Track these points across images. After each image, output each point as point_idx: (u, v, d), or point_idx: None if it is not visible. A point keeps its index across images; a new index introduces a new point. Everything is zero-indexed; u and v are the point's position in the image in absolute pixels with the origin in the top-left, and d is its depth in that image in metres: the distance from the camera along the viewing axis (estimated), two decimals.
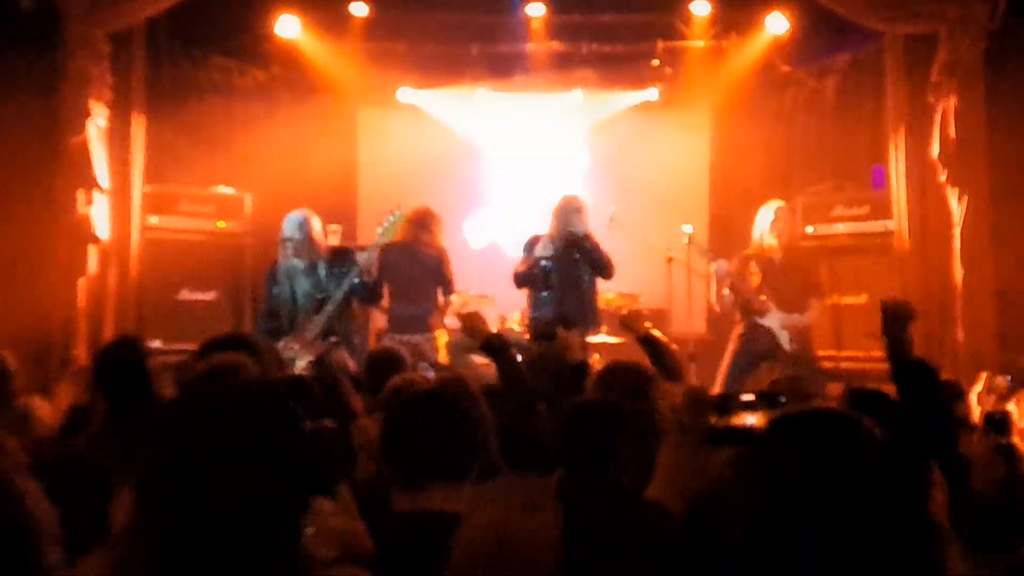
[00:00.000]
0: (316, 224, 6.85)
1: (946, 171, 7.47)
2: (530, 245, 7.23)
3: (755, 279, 7.85)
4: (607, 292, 8.48)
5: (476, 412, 2.51)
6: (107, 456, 2.96)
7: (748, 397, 2.34)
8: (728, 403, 2.33)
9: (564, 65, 9.88)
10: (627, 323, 5.14)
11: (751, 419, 2.34)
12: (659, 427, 2.86)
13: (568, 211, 7.12)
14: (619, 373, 3.91)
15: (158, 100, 8.65)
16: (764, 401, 2.34)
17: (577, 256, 7.12)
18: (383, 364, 4.85)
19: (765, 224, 7.78)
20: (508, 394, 3.74)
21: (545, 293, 7.09)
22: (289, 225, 6.73)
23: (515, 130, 10.28)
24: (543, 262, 7.04)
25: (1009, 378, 6.29)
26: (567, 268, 7.08)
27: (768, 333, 7.51)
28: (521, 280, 7.22)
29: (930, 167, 7.61)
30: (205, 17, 8.83)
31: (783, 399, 2.37)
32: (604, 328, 7.55)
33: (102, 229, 7.78)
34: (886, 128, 8.11)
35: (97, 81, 7.68)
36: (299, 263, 6.69)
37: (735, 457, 2.36)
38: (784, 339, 7.55)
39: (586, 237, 7.12)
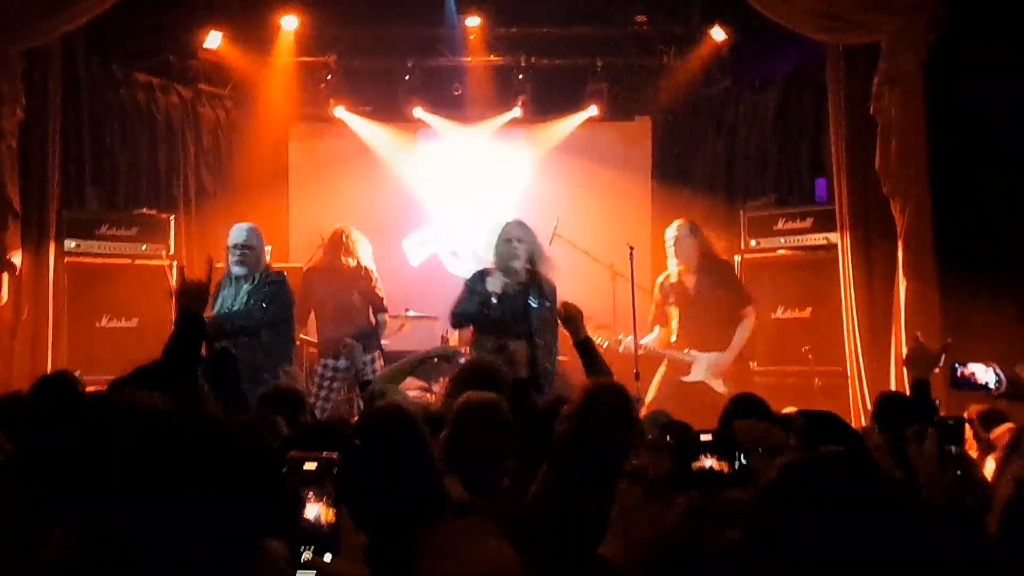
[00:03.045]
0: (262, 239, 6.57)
1: (888, 182, 7.38)
2: (475, 280, 6.13)
3: (673, 314, 7.75)
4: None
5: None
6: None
7: (706, 438, 2.13)
8: (686, 445, 2.12)
9: (503, 78, 9.69)
10: (570, 319, 4.85)
11: (709, 462, 2.13)
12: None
13: (505, 242, 6.06)
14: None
15: (76, 119, 8.34)
16: (722, 444, 2.13)
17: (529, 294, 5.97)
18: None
19: (669, 249, 7.68)
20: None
21: (487, 336, 5.92)
22: (240, 232, 6.38)
23: (454, 145, 10.06)
24: (490, 300, 5.93)
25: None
26: (514, 308, 5.95)
27: (699, 387, 7.43)
28: (459, 320, 6.20)
29: (873, 179, 7.52)
30: (125, 33, 8.57)
31: (741, 442, 2.17)
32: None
33: (16, 255, 7.38)
34: (828, 140, 8.02)
35: (10, 100, 7.31)
36: (239, 271, 6.30)
37: (693, 503, 2.15)
38: (718, 386, 7.45)
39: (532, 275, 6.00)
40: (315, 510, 1.55)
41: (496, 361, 4.49)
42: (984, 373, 3.98)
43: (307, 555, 1.54)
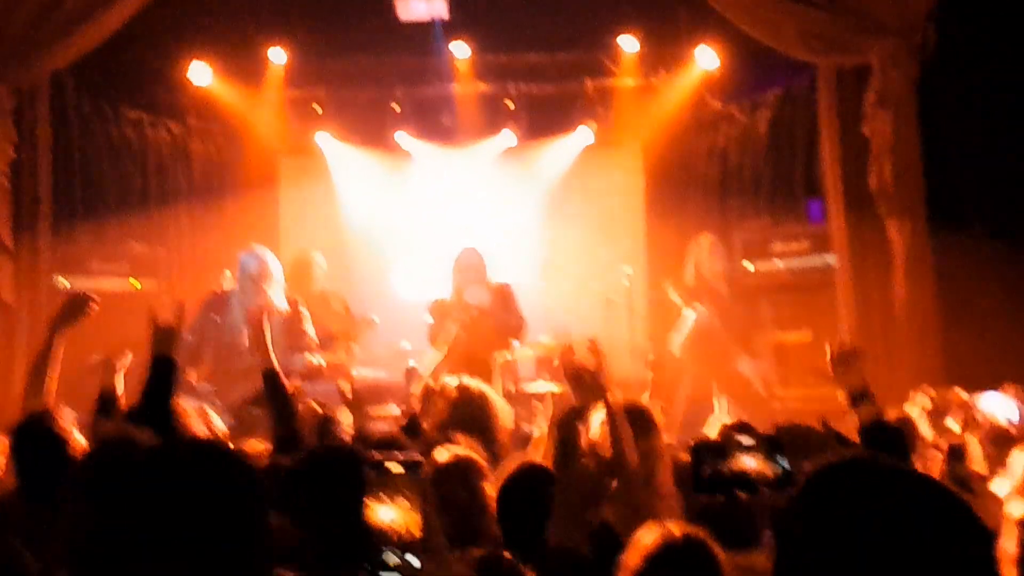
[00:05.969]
0: None
1: (884, 202, 7.37)
2: (435, 310, 6.76)
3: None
4: (541, 338, 8.21)
5: None
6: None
7: (748, 441, 2.07)
8: (725, 446, 2.06)
9: (492, 106, 9.68)
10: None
11: (751, 463, 2.07)
12: None
13: (464, 272, 6.77)
14: None
15: (66, 156, 8.28)
16: (764, 445, 2.07)
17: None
18: None
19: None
20: None
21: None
22: (275, 264, 6.51)
23: (446, 174, 10.02)
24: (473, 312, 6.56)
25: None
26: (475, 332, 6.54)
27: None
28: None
29: (868, 199, 7.51)
30: (114, 69, 8.58)
31: (784, 444, 2.10)
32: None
33: (7, 291, 7.30)
34: (821, 161, 8.01)
35: (0, 138, 7.25)
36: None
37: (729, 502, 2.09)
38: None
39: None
40: (391, 513, 1.48)
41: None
42: (1006, 408, 3.87)
43: (394, 559, 1.47)
